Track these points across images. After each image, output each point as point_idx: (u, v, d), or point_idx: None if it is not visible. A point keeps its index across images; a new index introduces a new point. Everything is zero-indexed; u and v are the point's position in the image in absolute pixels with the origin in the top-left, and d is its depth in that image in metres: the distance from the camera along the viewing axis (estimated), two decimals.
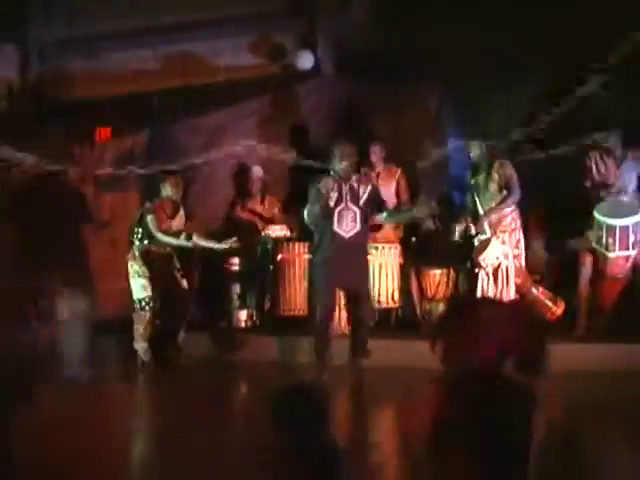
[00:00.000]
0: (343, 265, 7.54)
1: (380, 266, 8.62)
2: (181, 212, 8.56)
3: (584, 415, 6.71)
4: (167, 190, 8.49)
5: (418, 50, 9.19)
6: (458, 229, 8.37)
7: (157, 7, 9.96)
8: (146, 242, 8.43)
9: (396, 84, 9.57)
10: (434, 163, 9.53)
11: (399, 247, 8.77)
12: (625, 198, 8.42)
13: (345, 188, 7.72)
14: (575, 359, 7.45)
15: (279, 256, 8.91)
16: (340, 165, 7.70)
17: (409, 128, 9.70)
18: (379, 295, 8.64)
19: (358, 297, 7.71)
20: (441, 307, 8.53)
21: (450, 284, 8.56)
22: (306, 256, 8.75)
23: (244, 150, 9.53)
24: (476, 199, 8.34)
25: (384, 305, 8.73)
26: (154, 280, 8.36)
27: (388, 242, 8.75)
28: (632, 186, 8.48)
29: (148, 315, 8.33)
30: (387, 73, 9.43)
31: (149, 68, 10.29)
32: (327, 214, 7.64)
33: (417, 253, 8.84)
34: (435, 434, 2.71)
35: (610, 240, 8.19)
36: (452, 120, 9.77)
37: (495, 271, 8.20)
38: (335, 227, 7.66)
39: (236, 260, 8.87)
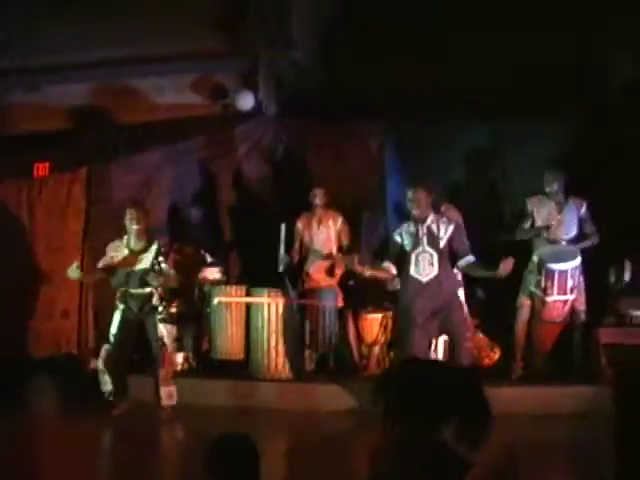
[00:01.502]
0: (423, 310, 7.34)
1: (317, 310, 8.58)
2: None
3: (520, 457, 6.73)
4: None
5: (360, 91, 9.24)
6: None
7: (100, 42, 9.87)
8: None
9: (337, 125, 9.60)
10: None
11: (337, 291, 8.73)
12: (564, 243, 8.51)
13: (422, 230, 7.54)
14: (511, 402, 7.48)
15: (216, 299, 8.81)
16: (412, 210, 7.50)
17: (351, 170, 9.71)
18: (316, 339, 8.59)
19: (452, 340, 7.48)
20: (377, 351, 8.52)
21: (388, 328, 8.53)
22: (243, 299, 8.68)
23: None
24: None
25: (321, 349, 8.67)
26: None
27: (326, 286, 8.71)
28: (572, 231, 8.59)
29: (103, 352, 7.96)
30: (328, 114, 9.46)
31: (90, 103, 10.18)
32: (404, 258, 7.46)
33: (355, 297, 8.81)
34: None
35: (549, 284, 8.29)
36: (394, 161, 9.81)
37: None
38: (412, 271, 7.50)
39: (173, 302, 8.75)
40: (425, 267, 7.45)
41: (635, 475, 5.01)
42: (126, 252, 7.96)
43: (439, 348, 7.95)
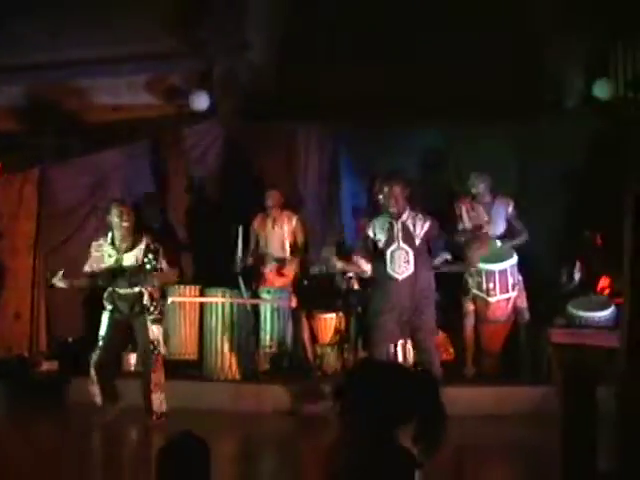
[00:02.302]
0: (397, 311, 7.27)
1: (272, 310, 8.59)
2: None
3: (468, 458, 6.79)
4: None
5: (315, 93, 9.28)
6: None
7: (54, 42, 9.79)
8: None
9: (292, 126, 9.63)
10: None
11: (291, 291, 8.75)
12: (499, 243, 8.62)
13: (397, 226, 7.44)
14: (461, 403, 7.53)
15: (169, 299, 8.78)
16: (389, 207, 7.39)
17: (304, 171, 9.75)
18: (270, 339, 8.59)
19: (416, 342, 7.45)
20: (330, 351, 8.55)
21: (342, 328, 8.57)
22: (197, 299, 8.67)
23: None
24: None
25: (275, 349, 8.68)
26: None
27: (280, 286, 8.73)
28: (502, 230, 8.70)
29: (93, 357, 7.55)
30: (283, 115, 9.48)
31: (42, 103, 10.09)
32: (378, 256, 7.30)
33: (309, 297, 8.84)
34: None
35: (490, 285, 8.38)
36: (348, 162, 9.86)
37: None
38: (387, 269, 7.38)
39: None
40: (401, 265, 7.34)
41: (581, 475, 5.09)
42: (111, 251, 7.54)
43: (399, 352, 7.95)
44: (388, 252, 7.39)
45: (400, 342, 7.84)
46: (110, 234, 7.57)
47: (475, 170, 8.73)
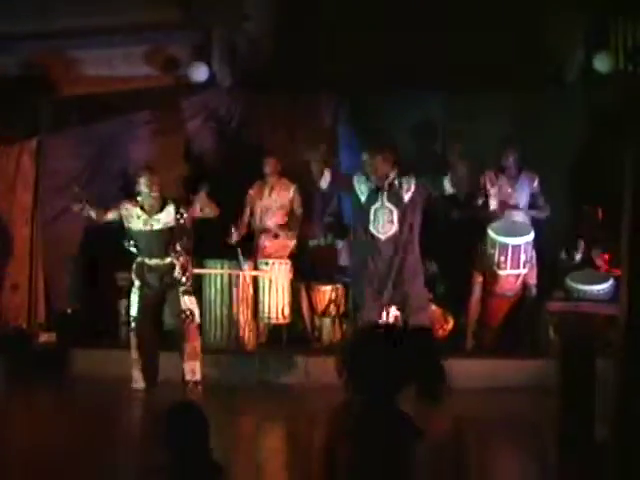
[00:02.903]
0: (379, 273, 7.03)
1: (270, 281, 8.57)
2: None
3: (468, 431, 6.81)
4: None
5: (314, 62, 9.23)
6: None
7: (51, 11, 9.70)
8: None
9: (290, 97, 9.58)
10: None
11: (289, 262, 8.73)
12: (518, 218, 8.59)
13: (382, 184, 7.14)
14: (461, 375, 7.54)
15: None
16: (370, 175, 7.17)
17: (304, 141, 9.69)
18: (269, 311, 8.58)
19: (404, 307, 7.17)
20: (328, 323, 8.55)
21: (340, 300, 8.56)
22: (197, 271, 8.64)
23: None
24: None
25: (274, 321, 8.68)
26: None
27: (278, 257, 8.71)
28: (524, 205, 8.67)
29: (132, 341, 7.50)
30: (282, 86, 9.43)
31: (40, 74, 10.01)
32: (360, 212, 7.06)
33: (307, 269, 8.82)
34: (325, 461, 2.72)
35: (502, 258, 8.32)
36: (347, 132, 9.82)
37: None
38: (370, 228, 7.17)
39: (124, 275, 8.61)
40: (385, 224, 7.16)
41: (578, 444, 5.11)
42: (140, 212, 7.42)
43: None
44: (372, 210, 7.18)
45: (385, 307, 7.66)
46: (140, 199, 7.50)
47: (476, 143, 8.71)
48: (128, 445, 6.24)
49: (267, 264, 8.61)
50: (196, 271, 8.54)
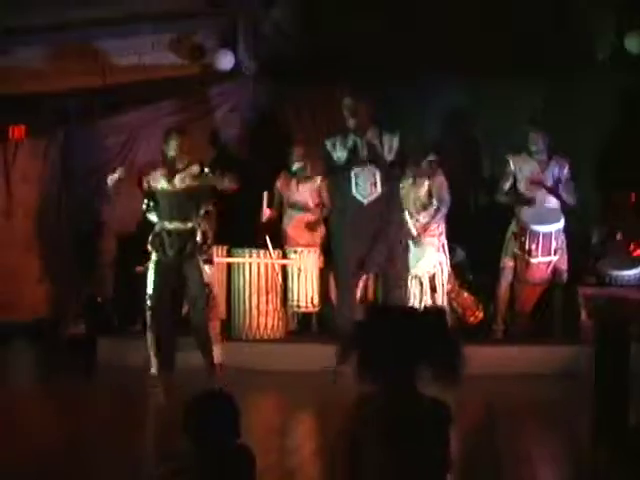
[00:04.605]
0: (360, 236, 6.49)
1: (299, 270, 8.54)
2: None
3: (501, 417, 6.77)
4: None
5: (339, 51, 9.17)
6: None
7: (75, 2, 9.71)
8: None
9: (316, 85, 9.52)
10: None
11: (318, 251, 8.69)
12: (549, 204, 8.49)
13: (360, 143, 6.66)
14: (493, 362, 7.50)
15: None
16: (348, 120, 6.57)
17: (328, 130, 9.64)
18: (299, 299, 8.55)
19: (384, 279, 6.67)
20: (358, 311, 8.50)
21: (369, 289, 8.50)
22: (225, 259, 8.63)
23: None
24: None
25: (303, 309, 8.66)
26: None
27: (308, 245, 8.67)
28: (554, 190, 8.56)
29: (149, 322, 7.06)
30: (308, 74, 9.38)
31: (65, 65, 10.03)
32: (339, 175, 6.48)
33: None
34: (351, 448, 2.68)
35: (533, 246, 8.25)
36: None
37: (432, 279, 8.19)
38: (352, 191, 6.68)
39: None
40: (367, 187, 6.68)
41: (611, 429, 5.04)
42: (165, 172, 7.17)
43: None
44: (352, 173, 6.72)
45: (363, 278, 7.30)
46: (168, 159, 7.31)
47: (505, 128, 8.61)
48: (148, 433, 6.27)
49: (296, 252, 8.58)
50: (224, 260, 8.54)
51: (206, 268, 7.06)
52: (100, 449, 5.58)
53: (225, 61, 9.53)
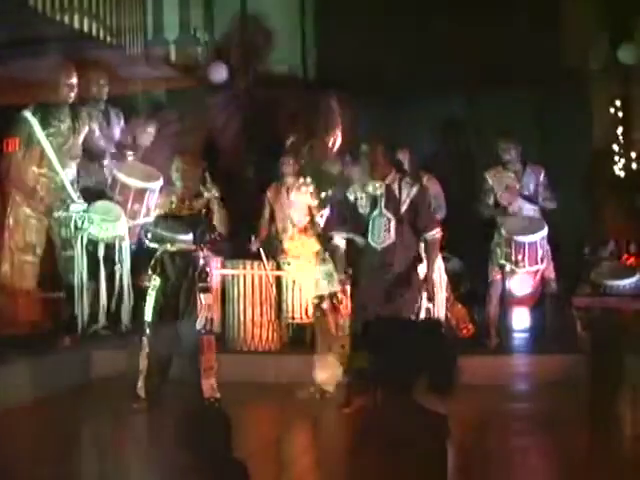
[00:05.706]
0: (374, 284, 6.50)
1: (293, 281, 8.53)
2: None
3: (496, 427, 6.77)
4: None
5: (334, 62, 9.21)
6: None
7: (71, 14, 9.71)
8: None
9: (309, 96, 9.55)
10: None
11: (312, 262, 8.66)
12: (529, 212, 8.53)
13: (380, 190, 6.59)
14: (486, 372, 7.50)
15: None
16: (367, 168, 6.56)
17: (323, 141, 9.67)
18: (293, 311, 8.55)
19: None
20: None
21: None
22: (219, 271, 8.62)
23: None
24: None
25: (297, 321, 8.65)
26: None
27: (301, 257, 8.65)
28: (532, 198, 8.59)
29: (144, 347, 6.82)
30: (301, 86, 9.41)
31: (59, 78, 10.02)
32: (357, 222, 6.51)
33: None
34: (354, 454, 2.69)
35: (520, 257, 8.27)
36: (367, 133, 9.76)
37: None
38: (368, 238, 6.60)
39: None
40: (381, 234, 6.61)
41: (609, 439, 5.06)
42: (173, 199, 6.99)
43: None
44: (370, 219, 6.67)
45: None
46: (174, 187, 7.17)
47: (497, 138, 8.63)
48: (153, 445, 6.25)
49: (289, 264, 8.58)
50: (219, 271, 8.54)
51: (202, 298, 6.79)
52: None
53: (218, 73, 9.56)
